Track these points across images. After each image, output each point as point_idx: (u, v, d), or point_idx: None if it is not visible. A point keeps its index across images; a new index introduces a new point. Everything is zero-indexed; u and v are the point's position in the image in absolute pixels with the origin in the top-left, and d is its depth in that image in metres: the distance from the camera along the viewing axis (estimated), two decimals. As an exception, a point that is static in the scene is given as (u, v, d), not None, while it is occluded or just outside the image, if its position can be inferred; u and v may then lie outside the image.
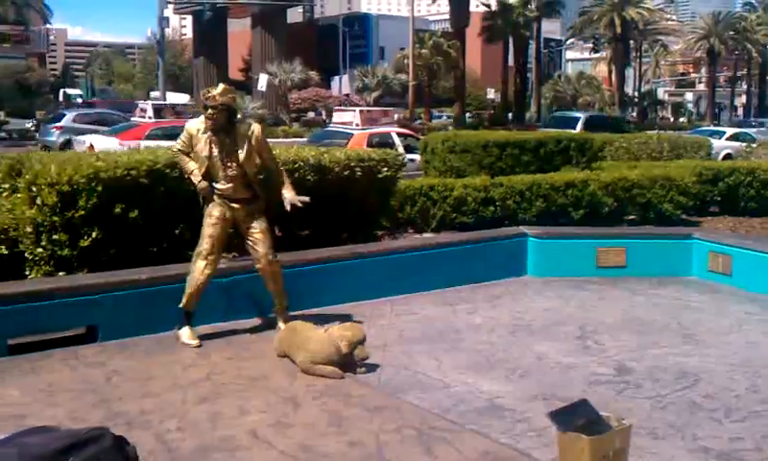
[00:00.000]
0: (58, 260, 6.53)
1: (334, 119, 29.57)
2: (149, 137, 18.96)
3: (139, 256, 6.88)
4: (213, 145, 5.97)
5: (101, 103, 46.94)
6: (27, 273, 6.63)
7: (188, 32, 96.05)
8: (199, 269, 6.06)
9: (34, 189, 6.52)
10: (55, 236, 6.47)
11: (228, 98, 5.91)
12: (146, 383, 5.15)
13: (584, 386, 5.28)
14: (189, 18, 78.36)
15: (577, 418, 3.74)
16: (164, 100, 42.98)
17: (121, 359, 5.63)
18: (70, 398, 4.85)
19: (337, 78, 55.76)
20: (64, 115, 29.93)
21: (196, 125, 6.08)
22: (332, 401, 4.88)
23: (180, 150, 6.18)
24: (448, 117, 58.65)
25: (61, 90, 66.72)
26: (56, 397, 4.85)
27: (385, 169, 8.29)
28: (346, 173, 7.91)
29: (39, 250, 6.55)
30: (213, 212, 6.09)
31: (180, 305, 6.08)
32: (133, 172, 6.63)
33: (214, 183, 6.07)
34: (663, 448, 4.35)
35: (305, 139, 21.61)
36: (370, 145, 17.58)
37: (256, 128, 6.17)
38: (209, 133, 5.95)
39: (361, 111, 29.85)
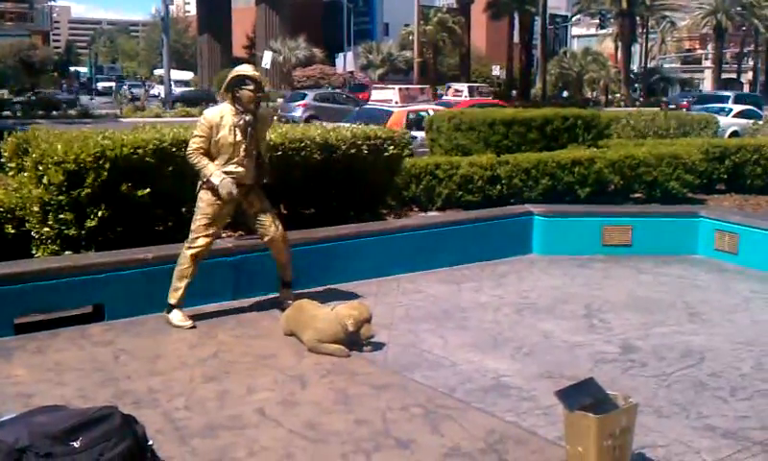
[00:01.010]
0: (64, 239, 6.54)
1: (373, 96, 30.12)
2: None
3: (146, 235, 6.90)
4: (238, 130, 5.92)
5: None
6: (34, 252, 6.65)
7: (192, 9, 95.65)
8: (189, 264, 5.98)
9: (40, 168, 6.52)
10: (61, 215, 6.48)
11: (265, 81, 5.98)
12: (153, 362, 5.18)
13: (590, 364, 5.29)
14: (193, -5, 78.09)
15: (583, 396, 3.75)
16: (169, 77, 42.95)
17: (128, 338, 5.65)
18: (78, 376, 4.87)
19: (341, 55, 55.54)
20: (306, 94, 33.97)
21: (218, 113, 6.00)
22: (339, 380, 4.90)
23: (196, 149, 5.97)
24: None
25: (72, 69, 66.79)
26: (63, 376, 4.88)
27: (391, 147, 8.27)
28: (352, 151, 7.90)
29: (46, 229, 6.56)
30: (214, 207, 5.95)
31: (173, 302, 5.98)
32: (140, 151, 6.63)
33: (226, 169, 5.94)
34: (669, 427, 4.36)
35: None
36: (408, 122, 18.56)
37: (267, 111, 6.34)
38: (235, 118, 5.90)
39: (400, 89, 30.56)
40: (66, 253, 6.49)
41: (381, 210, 8.75)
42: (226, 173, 5.94)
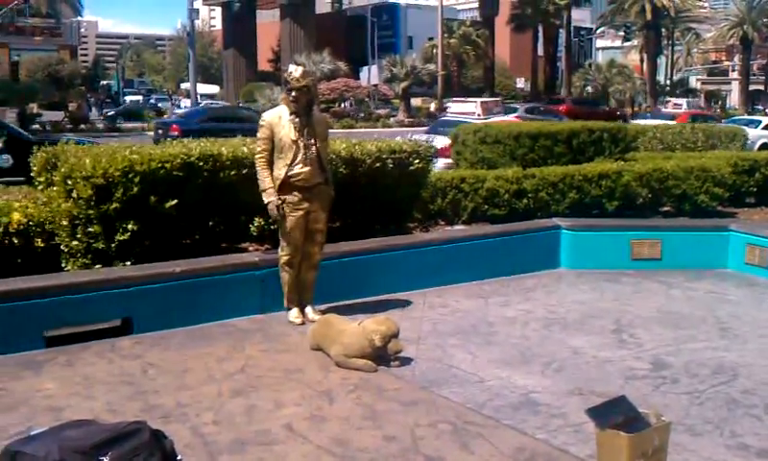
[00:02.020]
0: (93, 253, 6.59)
1: (451, 109, 32.00)
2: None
3: (174, 249, 6.93)
4: (296, 129, 6.08)
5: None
6: (63, 265, 6.70)
7: (217, 23, 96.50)
8: (289, 275, 6.32)
9: (69, 182, 6.58)
10: (90, 229, 6.53)
11: (309, 80, 6.13)
12: (181, 376, 5.18)
13: (620, 381, 5.22)
14: (219, 10, 78.73)
15: (616, 414, 3.70)
16: (196, 91, 43.32)
17: (157, 352, 5.67)
18: (107, 390, 4.88)
19: (366, 68, 55.72)
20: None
21: (276, 113, 6.23)
22: (367, 395, 4.87)
23: (260, 153, 6.17)
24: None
25: (103, 83, 67.73)
26: (92, 389, 4.89)
27: (417, 161, 8.26)
28: (377, 165, 7.89)
29: (75, 242, 6.61)
30: (290, 218, 6.17)
31: (285, 305, 6.38)
32: (167, 165, 6.66)
33: (292, 170, 6.11)
34: (702, 445, 4.29)
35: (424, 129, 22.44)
36: None
37: (326, 115, 6.35)
38: (292, 116, 6.07)
39: (482, 103, 32.78)
40: (96, 266, 6.53)
41: (407, 224, 8.72)
42: (292, 175, 6.10)
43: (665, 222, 9.59)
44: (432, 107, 51.83)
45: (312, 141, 6.17)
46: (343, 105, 48.67)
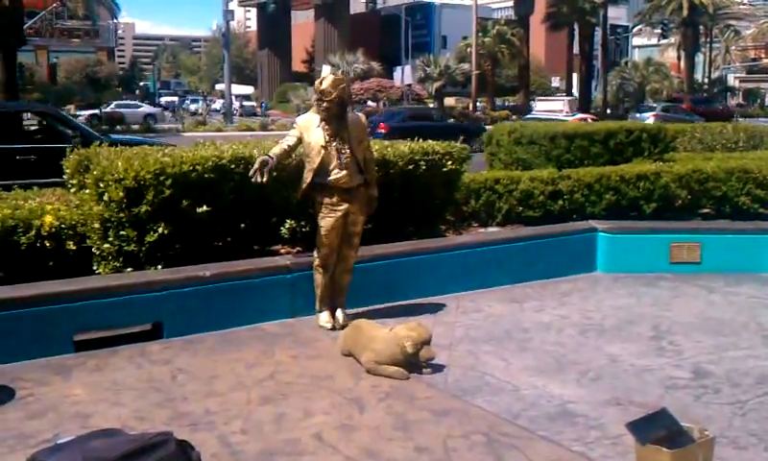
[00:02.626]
0: (125, 256, 6.56)
1: (538, 107, 34.88)
2: None
3: (206, 251, 6.89)
4: (327, 134, 6.10)
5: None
6: (95, 268, 6.69)
7: (253, 24, 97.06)
8: (322, 278, 6.29)
9: (101, 185, 6.55)
10: (122, 232, 6.50)
11: (341, 89, 6.11)
12: (210, 382, 5.12)
13: (660, 390, 5.06)
14: (254, 10, 79.18)
15: (656, 428, 3.56)
16: (230, 92, 43.67)
17: (186, 357, 5.62)
18: (135, 396, 4.84)
19: (399, 68, 55.63)
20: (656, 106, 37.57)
21: (309, 118, 6.29)
22: (398, 404, 4.77)
23: (286, 144, 6.30)
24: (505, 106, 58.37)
25: (141, 83, 68.65)
26: (121, 395, 4.85)
27: (450, 162, 8.13)
28: (410, 167, 7.78)
29: (106, 245, 6.59)
30: (328, 220, 6.16)
31: (316, 307, 6.37)
32: (199, 167, 6.61)
33: (329, 175, 6.12)
34: (746, 459, 4.12)
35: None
36: None
37: (362, 116, 6.59)
38: (323, 123, 6.11)
39: (569, 101, 36.28)
40: (127, 269, 6.50)
41: (440, 226, 8.60)
42: (328, 177, 6.11)
43: (705, 224, 9.33)
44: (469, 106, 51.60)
45: (346, 146, 6.14)
46: (376, 104, 48.56)
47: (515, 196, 9.35)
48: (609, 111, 52.68)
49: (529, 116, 28.66)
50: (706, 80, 72.72)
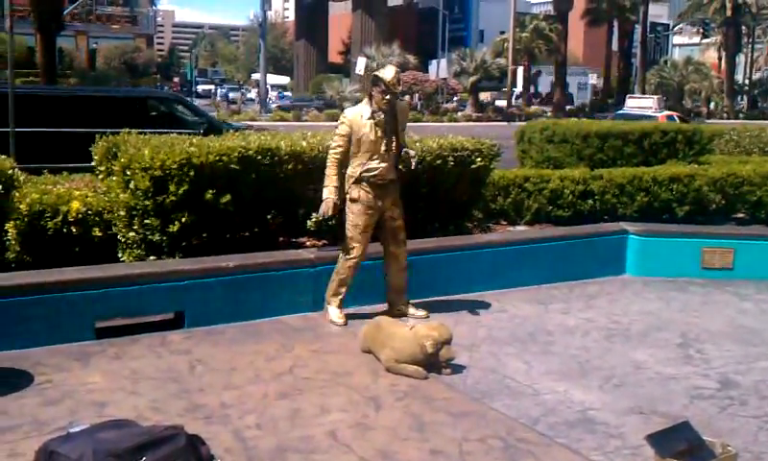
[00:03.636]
0: (149, 244, 6.57)
1: (629, 103, 36.17)
2: None
3: (232, 242, 6.88)
4: (378, 128, 6.04)
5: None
6: (120, 256, 6.71)
7: (290, 14, 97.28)
8: (348, 273, 6.22)
9: (128, 173, 6.57)
10: (147, 220, 6.51)
11: (402, 84, 6.12)
12: (228, 374, 5.09)
13: (684, 400, 4.94)
14: (292, 1, 79.37)
15: (677, 442, 3.47)
16: (266, 81, 43.79)
17: (206, 347, 5.60)
18: (152, 386, 4.82)
19: (434, 61, 55.38)
20: None
21: (357, 112, 6.16)
22: (415, 404, 4.71)
23: (336, 149, 6.12)
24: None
25: (180, 71, 69.34)
26: (138, 385, 4.84)
27: (478, 159, 8.02)
28: (437, 162, 7.69)
29: (132, 233, 6.61)
30: (364, 217, 6.12)
31: (334, 303, 6.25)
32: (225, 158, 6.59)
33: (368, 166, 6.07)
34: (772, 476, 4.00)
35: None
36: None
37: (405, 103, 6.44)
38: (377, 117, 6.02)
39: (657, 98, 37.60)
40: (151, 258, 6.51)
41: (467, 223, 8.50)
42: (368, 170, 6.06)
43: (739, 230, 9.14)
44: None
45: (392, 138, 6.12)
46: (410, 98, 48.41)
47: (544, 195, 9.24)
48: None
49: (620, 112, 30.94)
50: (746, 81, 71.45)
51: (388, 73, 6.08)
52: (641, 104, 35.68)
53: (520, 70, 31.42)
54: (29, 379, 4.86)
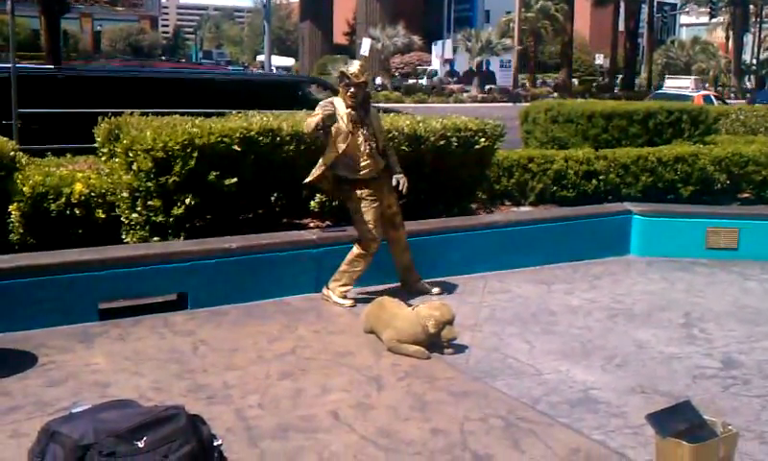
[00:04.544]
0: (152, 226, 6.58)
1: (667, 84, 39.58)
2: None
3: (235, 223, 6.88)
4: (352, 122, 6.08)
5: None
6: (123, 237, 6.72)
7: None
8: (364, 266, 6.22)
9: (130, 154, 6.56)
10: (150, 202, 6.51)
11: (366, 75, 6.15)
12: (231, 355, 5.11)
13: (687, 380, 4.94)
14: (296, -19, 78.96)
15: (678, 421, 3.45)
16: (270, 63, 43.61)
17: (209, 328, 5.61)
18: (155, 367, 4.84)
19: (440, 42, 55.07)
20: None
21: (334, 101, 6.14)
22: (417, 383, 4.71)
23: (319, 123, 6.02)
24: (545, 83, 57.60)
25: (183, 52, 69.25)
26: (141, 365, 4.85)
27: (482, 139, 7.99)
28: (441, 143, 7.67)
29: (135, 215, 6.62)
30: (370, 212, 6.14)
31: (341, 290, 6.23)
32: (227, 139, 6.58)
33: (359, 171, 6.13)
34: (773, 455, 4.00)
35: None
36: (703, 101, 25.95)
37: (374, 109, 6.47)
38: (349, 110, 6.05)
39: (695, 79, 40.82)
40: (154, 239, 6.52)
41: (471, 204, 8.48)
42: (360, 174, 6.13)
43: (744, 210, 9.10)
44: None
45: (370, 133, 6.17)
46: (416, 80, 48.22)
47: (548, 175, 9.21)
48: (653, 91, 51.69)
49: (659, 92, 33.39)
50: (754, 60, 71.00)
51: (352, 67, 6.16)
52: (679, 84, 38.05)
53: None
54: (32, 360, 4.87)
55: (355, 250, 6.22)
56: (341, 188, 6.28)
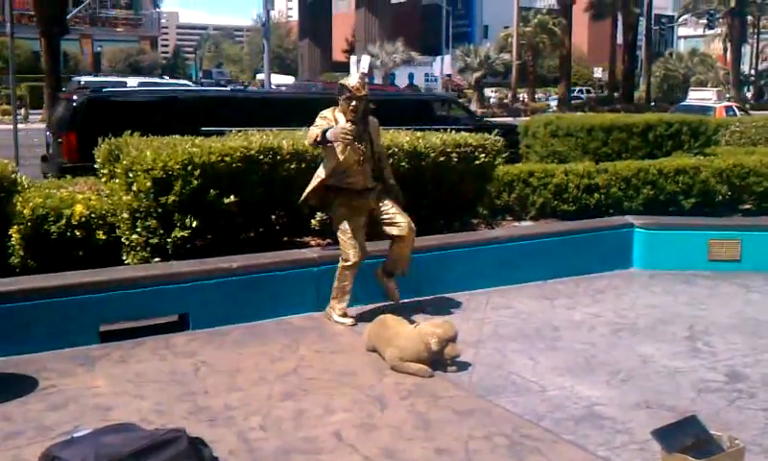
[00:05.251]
0: (153, 247, 6.56)
1: (691, 96, 41.48)
2: None
3: (236, 243, 6.86)
4: (353, 136, 5.96)
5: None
6: (124, 259, 6.70)
7: (294, 14, 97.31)
8: (347, 280, 6.14)
9: (130, 175, 6.56)
10: (149, 222, 6.50)
11: (367, 89, 6.08)
12: (233, 376, 5.08)
13: (692, 394, 4.90)
14: (295, 0, 79.36)
15: (684, 436, 3.43)
16: (270, 82, 43.70)
17: (211, 349, 5.58)
18: (157, 389, 4.81)
19: (438, 58, 55.25)
20: None
21: (332, 114, 6.07)
22: (420, 402, 4.68)
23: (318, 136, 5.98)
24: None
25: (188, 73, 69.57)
26: (143, 388, 4.82)
27: (482, 155, 7.99)
28: (441, 159, 7.67)
29: (135, 236, 6.60)
30: (347, 222, 6.08)
31: (339, 309, 6.18)
32: (227, 158, 6.58)
33: (348, 178, 6.07)
34: (781, 469, 3.96)
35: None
36: (725, 113, 27.26)
37: (375, 120, 6.30)
38: (349, 124, 5.93)
39: (717, 91, 43.33)
40: (155, 260, 6.50)
41: (472, 219, 8.47)
42: (342, 181, 6.06)
43: (746, 221, 9.08)
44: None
45: (367, 146, 6.09)
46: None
47: (549, 189, 9.21)
48: (653, 103, 51.81)
49: (683, 104, 34.06)
50: (752, 71, 71.14)
51: (352, 80, 6.08)
52: (702, 96, 40.39)
53: (366, 59, 30.68)
54: (33, 384, 4.84)
55: (339, 263, 6.17)
56: (327, 197, 6.19)
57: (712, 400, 4.81)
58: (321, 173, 6.12)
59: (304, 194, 6.23)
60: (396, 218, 6.20)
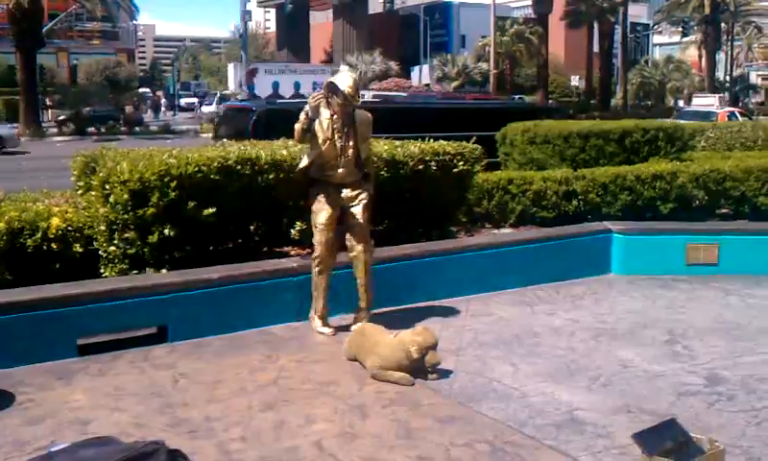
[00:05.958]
0: (131, 259, 6.50)
1: (694, 102, 42.96)
2: None
3: (215, 254, 6.82)
4: (335, 130, 5.97)
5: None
6: (102, 271, 6.64)
7: (272, 25, 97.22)
8: (320, 279, 6.10)
9: (107, 187, 6.50)
10: (127, 234, 6.45)
11: (359, 98, 6.14)
12: (213, 387, 5.04)
13: (672, 397, 4.93)
14: (273, 11, 79.37)
15: (664, 439, 3.45)
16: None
17: (190, 361, 5.54)
18: (136, 402, 4.76)
19: (417, 68, 55.43)
20: None
21: (317, 107, 5.99)
22: (401, 410, 4.67)
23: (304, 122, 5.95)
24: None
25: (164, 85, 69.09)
26: (121, 401, 4.77)
27: (461, 163, 8.01)
28: (420, 167, 7.67)
29: (112, 248, 6.54)
30: (322, 213, 6.04)
31: (316, 315, 6.15)
32: (204, 169, 6.54)
33: (327, 171, 6.03)
34: (761, 470, 3.98)
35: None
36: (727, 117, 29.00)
37: (368, 115, 6.26)
38: (334, 116, 5.94)
39: (719, 97, 45.39)
40: (132, 272, 6.45)
41: (451, 227, 8.48)
42: (327, 175, 6.04)
43: (723, 225, 9.15)
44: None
45: (351, 142, 6.04)
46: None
47: (528, 197, 9.23)
48: (629, 110, 52.20)
49: (687, 109, 36.81)
50: (727, 77, 71.90)
51: (345, 81, 5.94)
52: (705, 102, 42.20)
53: (231, 67, 30.55)
54: (10, 399, 4.78)
55: (312, 264, 6.13)
56: (308, 187, 6.17)
57: (692, 404, 4.84)
58: (303, 162, 6.12)
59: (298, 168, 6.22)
60: (355, 234, 6.12)
